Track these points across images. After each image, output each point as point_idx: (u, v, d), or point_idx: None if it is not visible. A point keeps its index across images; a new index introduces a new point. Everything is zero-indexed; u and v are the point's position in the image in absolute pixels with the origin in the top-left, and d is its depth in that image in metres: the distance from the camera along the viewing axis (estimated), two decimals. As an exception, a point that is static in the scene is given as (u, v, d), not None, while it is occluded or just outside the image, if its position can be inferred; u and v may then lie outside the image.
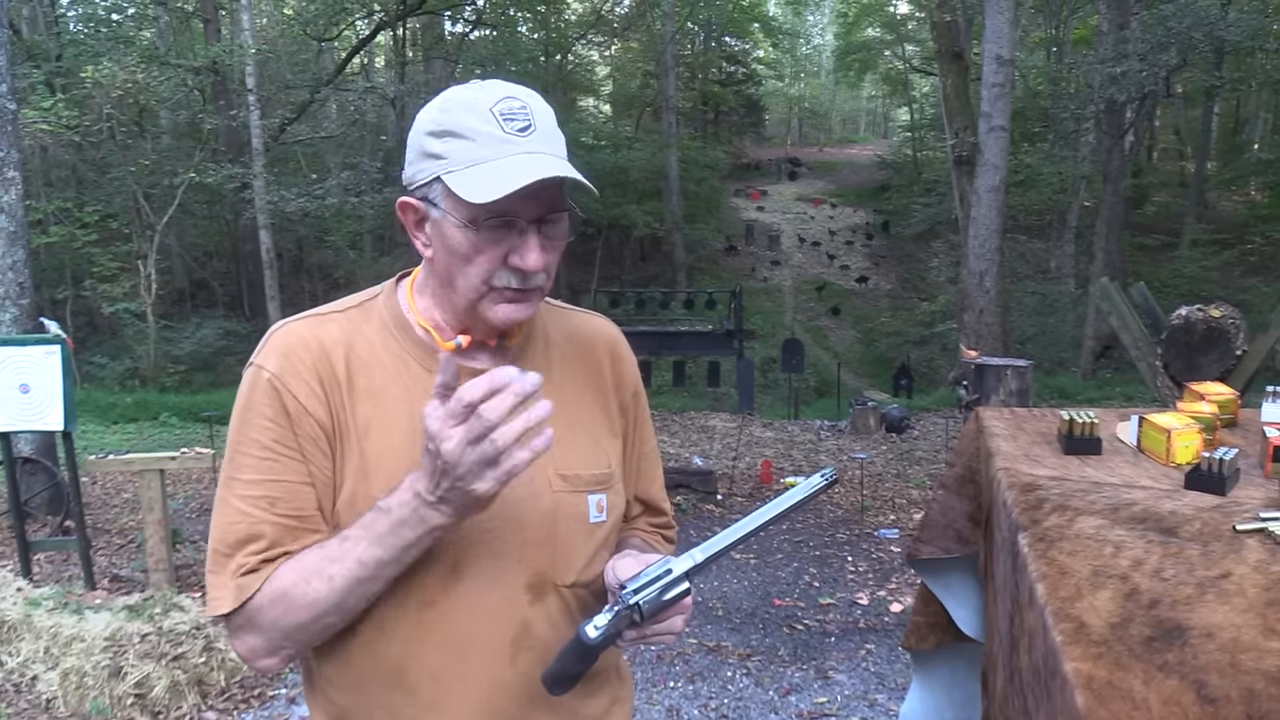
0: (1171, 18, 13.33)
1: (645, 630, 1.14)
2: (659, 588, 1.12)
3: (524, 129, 1.09)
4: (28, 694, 3.90)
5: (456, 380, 1.00)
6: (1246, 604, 1.08)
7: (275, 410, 1.13)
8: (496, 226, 1.09)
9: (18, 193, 6.65)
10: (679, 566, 1.14)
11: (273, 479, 1.12)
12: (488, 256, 1.11)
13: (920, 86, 35.18)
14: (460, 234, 1.10)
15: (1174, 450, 1.59)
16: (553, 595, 1.20)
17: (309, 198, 15.54)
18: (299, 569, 1.08)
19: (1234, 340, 4.11)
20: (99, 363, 16.58)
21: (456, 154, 1.09)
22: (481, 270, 1.11)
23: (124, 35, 16.63)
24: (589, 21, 27.38)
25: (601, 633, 1.11)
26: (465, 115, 1.10)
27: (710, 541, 1.18)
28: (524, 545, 1.18)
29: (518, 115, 1.10)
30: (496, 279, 1.12)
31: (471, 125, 1.09)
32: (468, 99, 1.11)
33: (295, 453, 1.13)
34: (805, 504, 1.20)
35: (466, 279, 1.13)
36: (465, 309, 1.16)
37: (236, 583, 1.09)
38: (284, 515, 1.11)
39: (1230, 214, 24.78)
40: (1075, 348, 17.50)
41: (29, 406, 4.87)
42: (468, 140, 1.09)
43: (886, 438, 11.20)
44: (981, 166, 12.09)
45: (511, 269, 1.11)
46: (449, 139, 1.10)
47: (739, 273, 25.83)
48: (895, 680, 4.25)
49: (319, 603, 1.07)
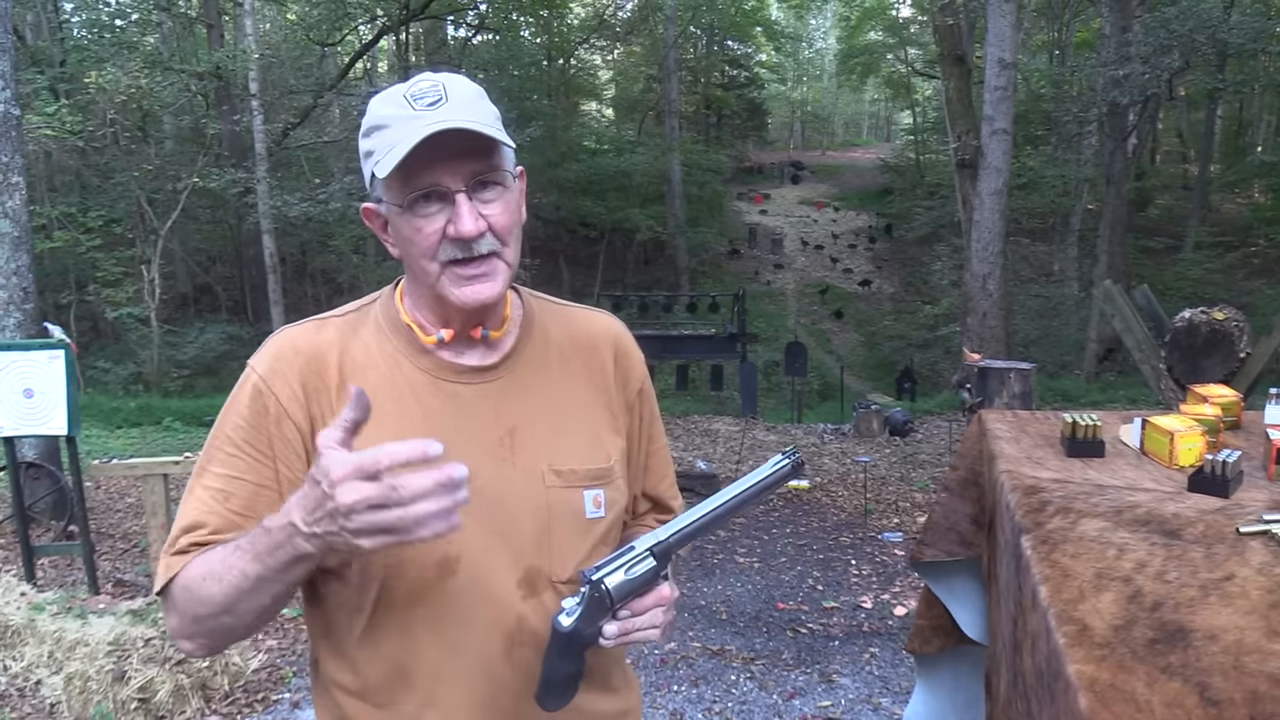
0: (1174, 20, 13.32)
1: (626, 624, 1.12)
2: (622, 564, 1.12)
3: (433, 103, 1.10)
4: (32, 699, 3.90)
5: (366, 415, 0.98)
6: (1250, 606, 1.07)
7: (254, 410, 1.16)
8: (426, 200, 1.11)
9: (21, 198, 6.66)
10: (641, 544, 1.14)
11: (234, 475, 1.14)
12: (425, 234, 1.12)
13: (922, 90, 35.19)
14: (401, 220, 1.13)
15: (1177, 453, 1.59)
16: (548, 591, 1.20)
17: (312, 202, 15.56)
18: (205, 565, 1.09)
19: (1238, 343, 4.11)
20: (103, 367, 16.61)
21: (379, 145, 1.12)
22: (425, 248, 1.13)
23: (127, 41, 16.64)
24: (591, 26, 27.44)
25: (573, 618, 1.10)
26: (382, 106, 1.13)
27: (674, 520, 1.17)
28: (518, 541, 1.18)
29: (428, 93, 1.11)
30: (441, 253, 1.13)
31: (386, 113, 1.12)
32: (387, 93, 1.14)
33: (263, 455, 1.15)
34: (772, 487, 1.20)
35: (419, 263, 1.15)
36: (434, 298, 1.18)
37: (166, 561, 1.12)
38: (233, 511, 1.13)
39: (1234, 216, 24.76)
40: (1078, 351, 17.48)
41: (33, 411, 4.88)
42: (385, 128, 1.11)
43: (890, 441, 11.18)
44: (984, 170, 12.08)
45: (451, 240, 1.12)
46: (373, 134, 1.13)
47: (742, 276, 25.85)
48: (899, 684, 4.25)
49: (210, 602, 1.07)
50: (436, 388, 1.20)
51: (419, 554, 1.13)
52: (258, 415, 1.15)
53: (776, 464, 1.19)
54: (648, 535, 1.16)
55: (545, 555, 1.20)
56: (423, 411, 1.18)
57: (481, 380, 1.22)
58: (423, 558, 1.14)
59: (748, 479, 1.20)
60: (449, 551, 1.15)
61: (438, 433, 1.16)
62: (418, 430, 1.16)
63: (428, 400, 1.19)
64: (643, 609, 1.13)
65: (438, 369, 1.21)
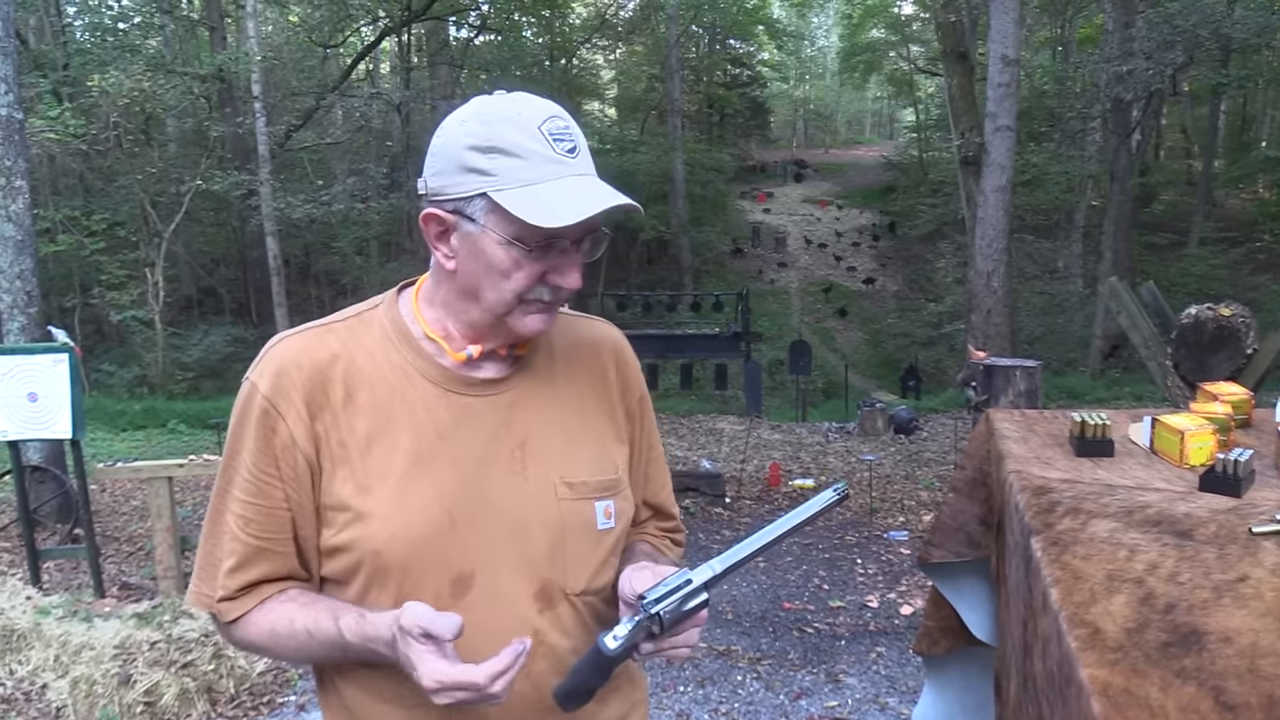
0: (1177, 16, 13.28)
1: (662, 643, 1.13)
2: (679, 598, 1.12)
3: (571, 150, 1.11)
4: (38, 702, 3.90)
5: (456, 635, 1.05)
6: (1264, 608, 1.06)
7: (264, 432, 1.16)
8: (545, 246, 1.11)
9: (25, 201, 6.67)
10: (699, 577, 1.14)
11: (252, 501, 1.16)
12: (527, 273, 1.12)
13: (925, 87, 35.08)
14: (503, 251, 1.11)
15: (1188, 452, 1.57)
16: (563, 604, 1.20)
17: (315, 204, 15.58)
18: (277, 622, 1.17)
19: (1244, 339, 4.08)
20: (107, 370, 16.63)
21: (507, 172, 1.09)
22: (519, 285, 1.13)
23: (130, 44, 16.63)
24: (593, 25, 27.39)
25: (621, 643, 1.11)
26: (511, 132, 1.10)
27: (728, 553, 1.17)
28: (532, 555, 1.18)
29: (564, 136, 1.11)
30: (532, 293, 1.14)
31: (520, 143, 1.09)
32: (510, 113, 1.11)
33: (274, 478, 1.16)
34: (818, 518, 1.21)
35: (499, 293, 1.14)
36: (489, 321, 1.17)
37: (219, 606, 1.18)
38: (254, 536, 1.16)
39: (1238, 212, 24.68)
40: (1083, 347, 17.43)
41: (37, 415, 4.88)
42: (518, 159, 1.09)
43: (895, 439, 11.17)
44: (988, 166, 12.04)
45: (549, 285, 1.14)
46: (496, 155, 1.09)
47: (745, 275, 25.81)
48: (906, 683, 4.23)
49: (281, 653, 1.19)
50: (448, 401, 1.19)
51: (435, 572, 1.13)
52: (266, 438, 1.16)
53: (826, 498, 1.21)
54: (703, 567, 1.16)
55: (559, 568, 1.19)
56: (434, 425, 1.18)
57: (492, 392, 1.22)
58: (438, 575, 1.14)
59: (797, 512, 1.20)
60: (464, 568, 1.15)
61: (449, 447, 1.16)
62: (430, 444, 1.16)
63: (439, 414, 1.18)
64: (680, 631, 1.14)
65: (448, 381, 1.20)
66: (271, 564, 1.17)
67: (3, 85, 6.50)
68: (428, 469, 1.15)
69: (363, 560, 1.13)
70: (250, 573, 1.17)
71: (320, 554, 1.18)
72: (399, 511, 1.12)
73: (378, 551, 1.12)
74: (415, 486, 1.14)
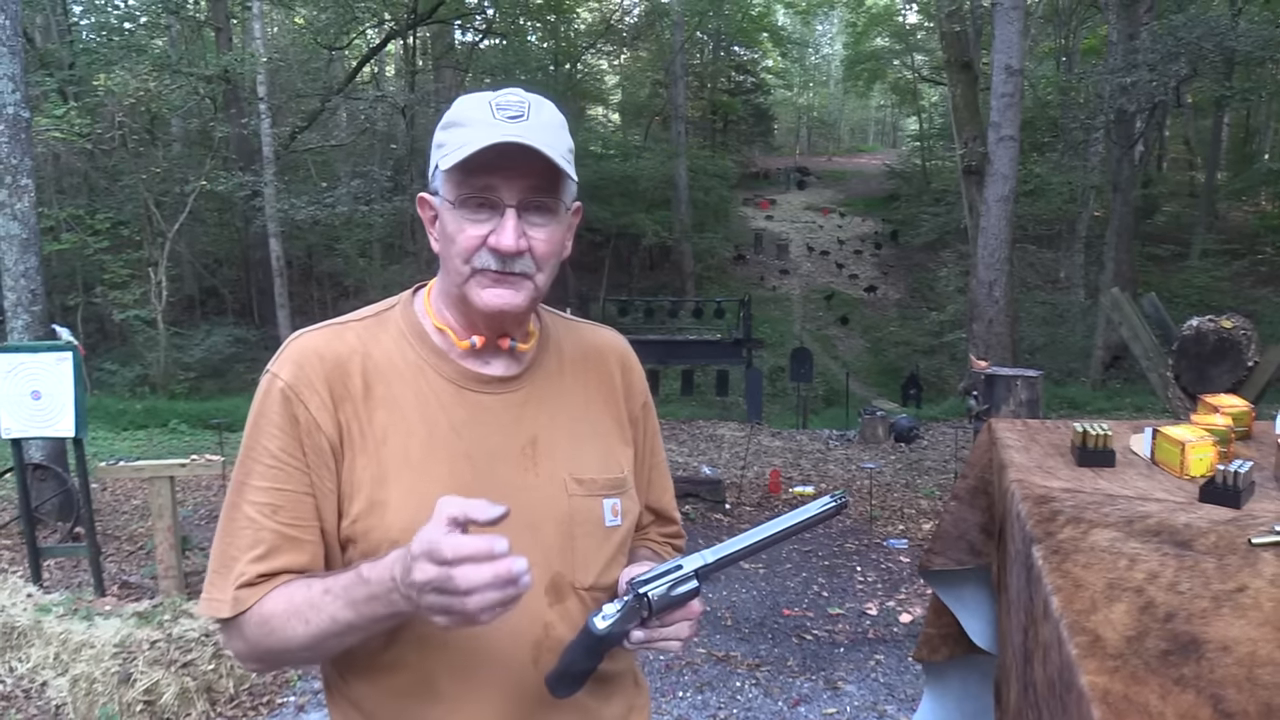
0: (1181, 28, 13.31)
1: (653, 633, 1.15)
2: (668, 582, 1.14)
3: (515, 117, 1.13)
4: (37, 700, 3.90)
5: (478, 520, 0.97)
6: (1263, 618, 1.07)
7: (286, 419, 1.15)
8: (478, 205, 1.13)
9: (30, 200, 6.69)
10: (690, 564, 1.16)
11: (278, 487, 1.15)
12: (468, 235, 1.14)
13: (929, 96, 35.13)
14: (449, 215, 1.16)
15: (1188, 463, 1.58)
16: (572, 598, 1.21)
17: (319, 206, 15.60)
18: (286, 603, 1.10)
19: (1246, 351, 4.09)
20: (109, 369, 16.63)
21: (451, 140, 1.14)
22: (462, 248, 1.15)
23: (136, 44, 16.68)
24: (598, 31, 27.48)
25: (610, 622, 1.12)
26: (465, 106, 1.16)
27: (721, 545, 1.19)
28: (543, 548, 1.19)
29: (513, 106, 1.14)
30: (476, 259, 1.15)
31: (468, 114, 1.14)
32: (476, 96, 1.17)
33: (300, 463, 1.15)
34: (815, 524, 1.22)
35: (454, 261, 1.17)
36: (459, 299, 1.19)
37: (234, 595, 1.12)
38: (284, 524, 1.14)
39: (1241, 224, 24.71)
40: (1085, 358, 17.45)
41: (40, 413, 4.89)
42: (462, 127, 1.14)
43: (895, 447, 11.17)
44: (990, 176, 12.07)
45: (490, 249, 1.14)
46: (450, 129, 1.15)
47: (747, 282, 25.84)
48: (905, 691, 4.24)
49: (292, 641, 1.10)
50: (461, 397, 1.21)
51: None
52: (289, 424, 1.15)
53: (824, 504, 1.22)
54: (694, 556, 1.18)
55: (569, 563, 1.21)
56: (448, 420, 1.19)
57: (505, 390, 1.24)
58: None
59: (795, 514, 1.22)
60: None
61: (463, 442, 1.18)
62: (445, 439, 1.18)
63: (453, 410, 1.20)
64: (671, 621, 1.16)
65: (462, 378, 1.22)
66: (296, 555, 1.14)
67: (10, 84, 6.53)
68: (443, 462, 1.17)
69: (379, 549, 1.14)
70: (275, 560, 1.13)
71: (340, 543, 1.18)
72: (416, 502, 1.13)
73: (395, 541, 1.13)
74: (431, 478, 1.15)
